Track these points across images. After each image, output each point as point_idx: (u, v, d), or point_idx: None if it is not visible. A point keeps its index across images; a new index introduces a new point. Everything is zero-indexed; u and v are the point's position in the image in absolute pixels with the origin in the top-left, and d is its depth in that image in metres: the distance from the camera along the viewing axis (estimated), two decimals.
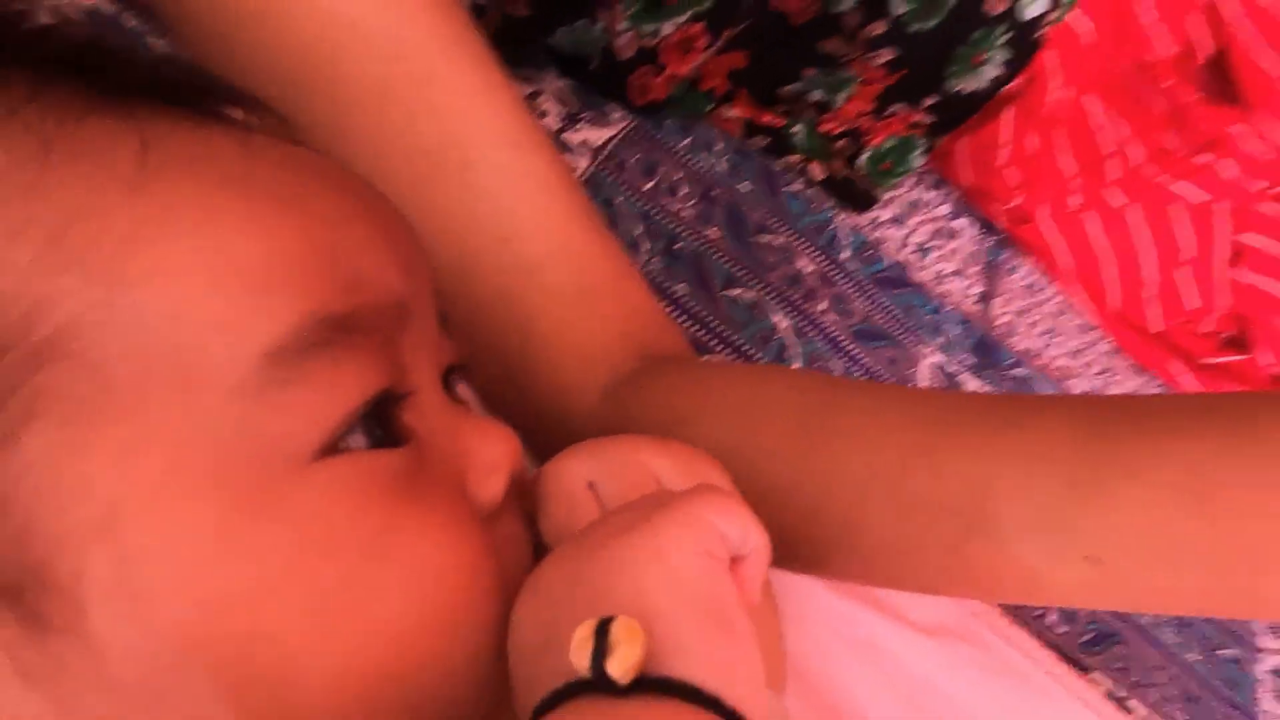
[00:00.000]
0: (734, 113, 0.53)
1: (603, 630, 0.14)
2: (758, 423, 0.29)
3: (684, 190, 0.48)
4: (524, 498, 0.22)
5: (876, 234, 0.56)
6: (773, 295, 0.48)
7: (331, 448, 0.17)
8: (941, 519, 0.25)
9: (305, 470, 0.17)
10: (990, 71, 0.55)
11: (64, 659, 0.16)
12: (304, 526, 0.17)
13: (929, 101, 0.55)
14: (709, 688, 0.14)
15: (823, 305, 0.50)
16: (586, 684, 0.14)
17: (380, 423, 0.18)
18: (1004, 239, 0.65)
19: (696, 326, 0.45)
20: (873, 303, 0.52)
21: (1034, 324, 0.62)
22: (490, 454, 0.20)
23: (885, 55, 0.51)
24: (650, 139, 0.49)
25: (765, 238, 0.50)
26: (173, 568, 0.16)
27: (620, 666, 0.14)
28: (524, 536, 0.22)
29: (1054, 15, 0.54)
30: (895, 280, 0.54)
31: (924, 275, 0.57)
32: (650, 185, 0.47)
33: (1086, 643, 0.49)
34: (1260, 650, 0.57)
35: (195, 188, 0.17)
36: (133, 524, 0.16)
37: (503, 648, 0.18)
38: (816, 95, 0.55)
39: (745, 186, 0.51)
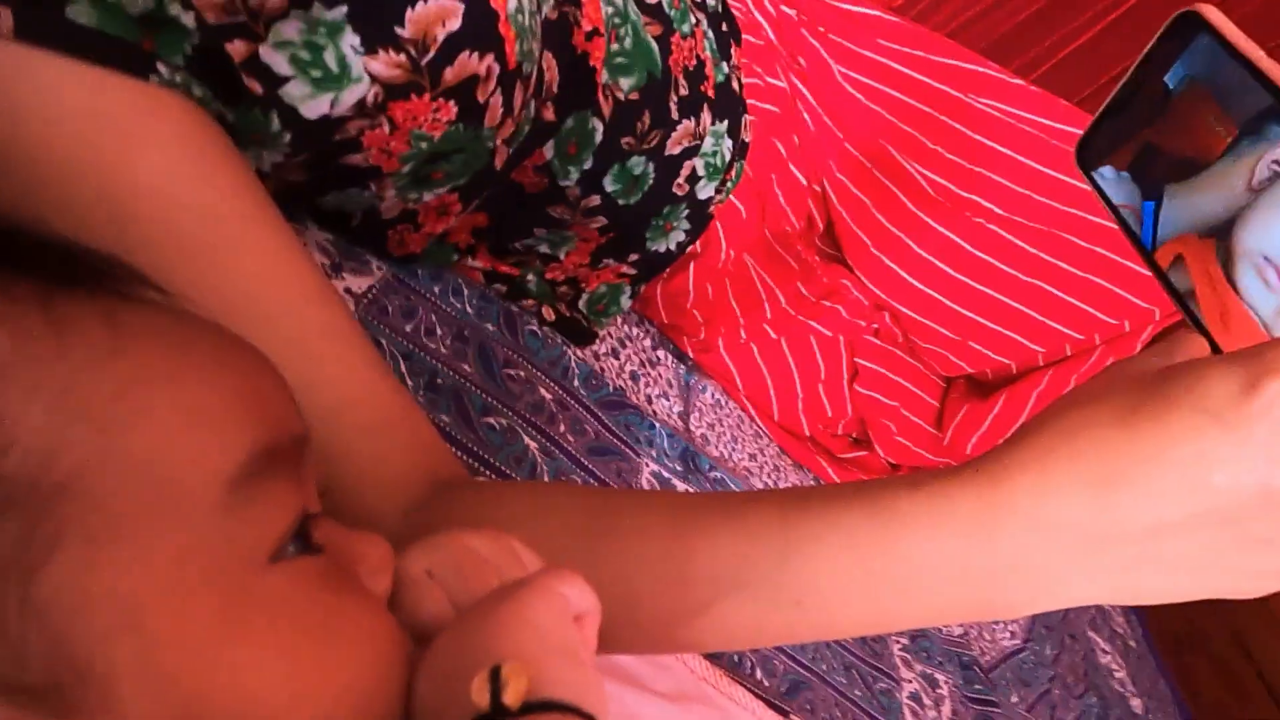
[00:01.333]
0: (477, 263, 0.61)
1: (495, 674, 0.20)
2: (547, 525, 0.36)
3: (439, 331, 0.55)
4: None
5: (599, 364, 0.66)
6: (521, 421, 0.55)
7: (279, 554, 0.21)
8: (695, 588, 0.33)
9: (265, 572, 0.21)
10: (677, 236, 0.69)
11: None
12: (278, 616, 0.20)
13: (633, 257, 0.68)
14: (573, 702, 0.21)
15: (562, 427, 0.58)
16: (486, 716, 0.20)
17: (301, 536, 0.22)
18: (693, 365, 0.79)
19: (460, 453, 0.50)
20: (601, 423, 0.62)
21: (721, 435, 0.76)
22: (376, 556, 0.25)
23: (599, 222, 0.63)
24: (407, 286, 0.55)
25: (511, 371, 0.57)
26: (188, 651, 0.19)
27: (513, 695, 0.20)
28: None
29: (719, 197, 0.70)
30: (617, 403, 0.64)
31: (638, 398, 0.68)
32: (410, 327, 0.53)
33: (784, 691, 0.60)
34: (901, 680, 0.73)
35: (161, 351, 0.21)
36: (151, 620, 0.19)
37: (405, 707, 0.22)
38: (544, 249, 0.65)
39: (490, 327, 0.59)
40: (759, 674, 0.59)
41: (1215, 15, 0.32)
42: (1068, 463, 0.30)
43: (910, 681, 0.74)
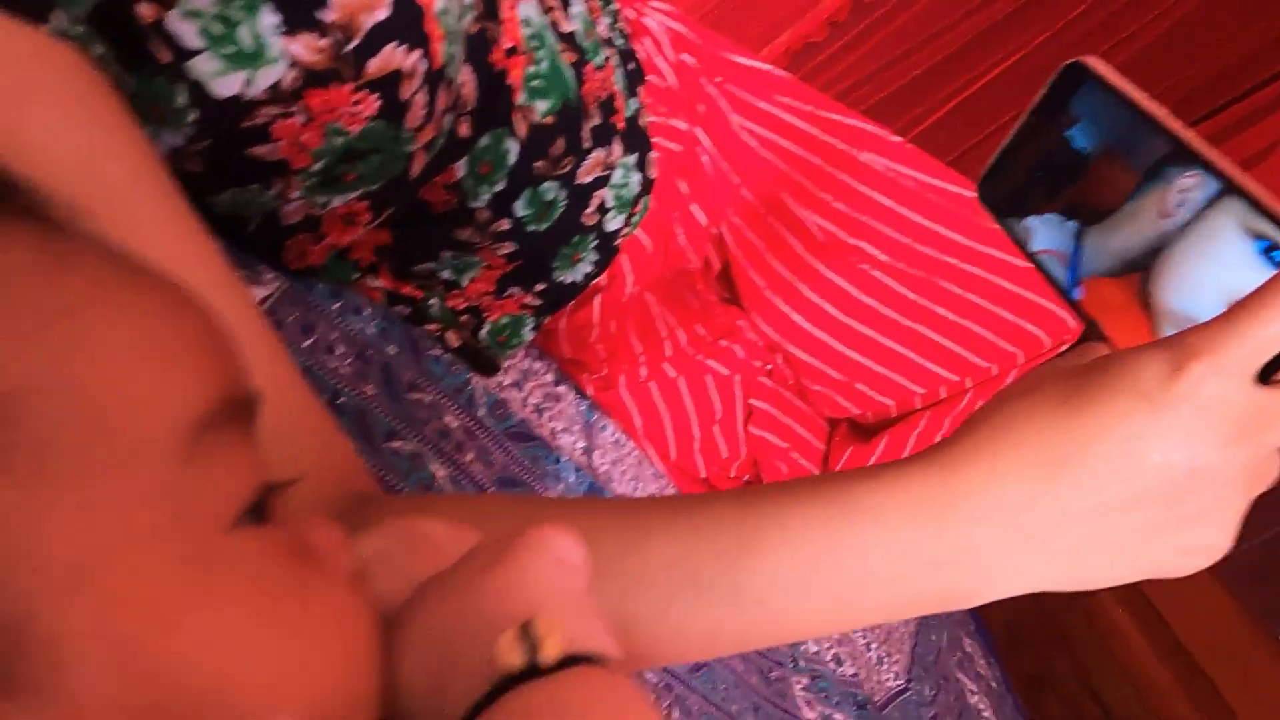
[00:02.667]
0: (378, 283, 0.58)
1: (525, 630, 0.18)
2: (488, 531, 0.33)
3: (340, 349, 0.51)
4: None
5: (503, 394, 0.63)
6: (429, 447, 0.52)
7: (242, 520, 0.18)
8: (651, 590, 0.31)
9: (230, 535, 0.18)
10: (584, 268, 0.68)
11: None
12: (247, 582, 0.17)
13: (539, 287, 0.67)
14: (596, 651, 0.18)
15: (470, 456, 0.55)
16: (511, 679, 0.17)
17: (257, 510, 0.19)
18: (593, 404, 0.77)
19: None
20: (508, 455, 0.59)
21: (624, 472, 0.75)
22: (334, 534, 0.22)
23: (507, 248, 0.61)
24: (304, 301, 0.51)
25: (416, 395, 0.54)
26: (148, 615, 0.16)
27: (552, 649, 0.17)
28: None
29: (626, 229, 0.70)
30: (523, 435, 0.62)
31: (543, 431, 0.65)
32: (309, 343, 0.49)
33: None
34: (803, 718, 0.72)
35: (113, 275, 0.17)
36: (105, 577, 0.15)
37: (381, 691, 0.19)
38: (446, 274, 0.63)
39: (393, 349, 0.55)
40: (675, 714, 0.56)
41: (1100, 65, 0.35)
42: (1014, 449, 0.30)
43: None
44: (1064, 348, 0.84)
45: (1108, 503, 0.29)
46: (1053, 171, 0.38)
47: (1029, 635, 1.60)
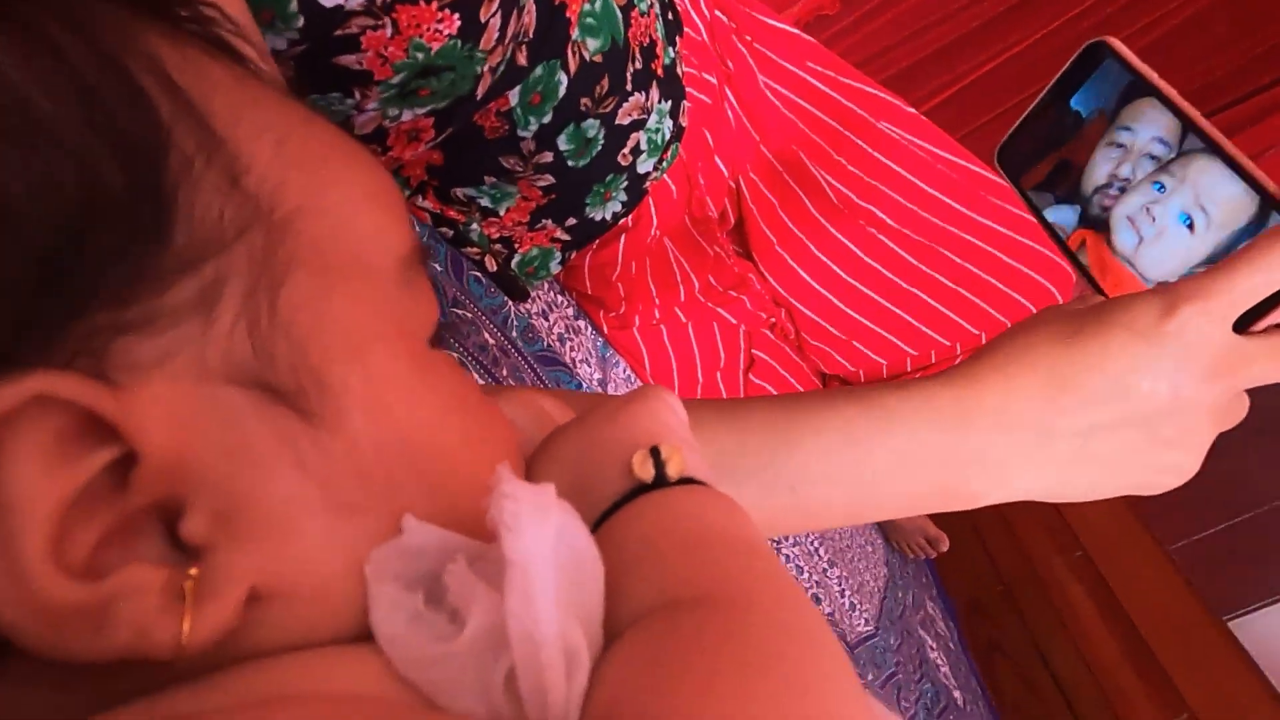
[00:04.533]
0: (426, 204, 0.61)
1: (655, 452, 0.22)
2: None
3: None
4: None
5: (533, 321, 0.67)
6: (470, 359, 0.55)
7: (434, 342, 0.22)
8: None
9: (430, 349, 0.21)
10: (614, 206, 0.72)
11: (331, 452, 0.17)
12: (448, 380, 0.21)
13: (570, 222, 0.70)
14: (704, 478, 0.22)
15: (504, 372, 0.59)
16: (643, 488, 0.21)
17: (435, 338, 0.23)
18: (608, 340, 0.81)
19: None
20: (537, 376, 0.63)
21: None
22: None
23: (546, 180, 0.65)
24: None
25: (458, 311, 0.57)
26: (400, 392, 0.19)
27: (676, 469, 0.21)
28: None
29: (655, 173, 0.73)
30: (550, 359, 0.65)
31: (566, 359, 0.69)
32: None
33: None
34: None
35: (338, 135, 0.21)
36: (373, 355, 0.19)
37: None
38: (484, 201, 0.66)
39: (437, 266, 0.58)
40: None
41: (1119, 45, 0.39)
42: (1028, 371, 0.35)
43: None
44: None
45: (1100, 422, 0.34)
46: (1059, 142, 0.42)
47: (987, 604, 1.68)
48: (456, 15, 0.45)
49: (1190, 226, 0.37)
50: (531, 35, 0.55)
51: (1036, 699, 1.54)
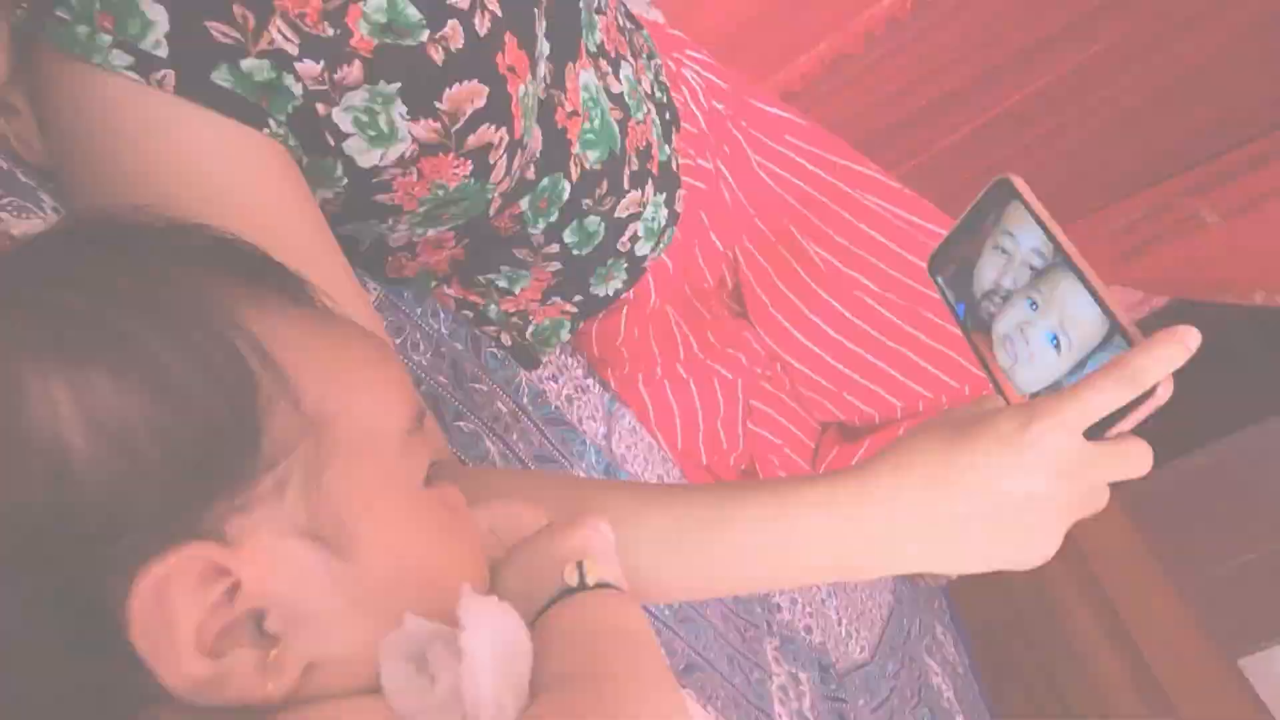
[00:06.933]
0: (450, 290, 0.71)
1: (580, 565, 0.31)
2: (542, 501, 0.47)
3: (421, 346, 0.64)
4: None
5: (543, 386, 0.77)
6: (485, 427, 0.65)
7: (424, 484, 0.31)
8: (643, 549, 0.45)
9: (421, 490, 0.31)
10: (615, 284, 0.81)
11: (355, 576, 0.28)
12: (433, 513, 0.31)
13: (577, 298, 0.80)
14: (618, 583, 0.32)
15: (515, 436, 0.69)
16: (569, 591, 0.31)
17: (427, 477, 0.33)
18: (615, 396, 0.91)
19: None
20: (545, 436, 0.72)
21: (636, 456, 0.88)
22: (460, 497, 0.35)
23: (554, 266, 0.75)
24: (395, 306, 0.64)
25: (476, 385, 0.67)
26: (398, 533, 0.29)
27: (595, 576, 0.31)
28: None
29: (653, 255, 0.83)
30: (557, 420, 0.75)
31: (573, 418, 0.79)
32: (399, 341, 0.62)
33: (681, 670, 0.72)
34: (772, 673, 0.86)
35: (363, 340, 0.31)
36: (380, 507, 0.29)
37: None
38: (502, 283, 0.76)
39: (460, 346, 0.69)
40: (662, 653, 0.70)
41: (1022, 185, 0.47)
42: (912, 470, 0.44)
43: (779, 675, 0.87)
44: None
45: (969, 513, 0.42)
46: (971, 255, 0.50)
47: (998, 629, 1.73)
48: (469, 161, 0.55)
49: (1057, 346, 0.45)
50: (538, 155, 0.65)
51: None
